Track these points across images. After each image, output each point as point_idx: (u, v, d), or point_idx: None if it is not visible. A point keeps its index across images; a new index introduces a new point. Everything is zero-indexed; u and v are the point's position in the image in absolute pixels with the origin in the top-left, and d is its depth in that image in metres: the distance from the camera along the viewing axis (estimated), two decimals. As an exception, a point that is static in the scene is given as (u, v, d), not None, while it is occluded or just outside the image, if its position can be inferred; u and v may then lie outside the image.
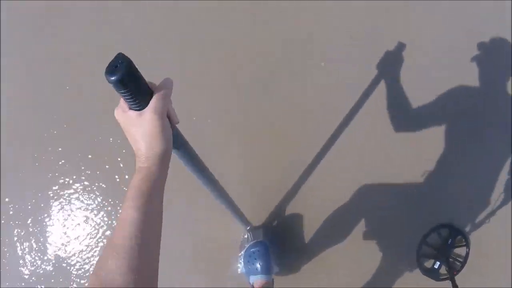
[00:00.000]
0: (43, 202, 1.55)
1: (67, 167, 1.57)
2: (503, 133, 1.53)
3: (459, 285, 1.32)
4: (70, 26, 1.73)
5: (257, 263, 1.26)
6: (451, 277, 1.36)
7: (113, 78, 0.42)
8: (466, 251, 1.43)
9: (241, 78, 1.59)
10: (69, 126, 1.61)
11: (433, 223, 1.45)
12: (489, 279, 1.44)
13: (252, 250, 1.29)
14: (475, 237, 1.45)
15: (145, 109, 0.48)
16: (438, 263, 1.41)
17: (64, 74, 1.67)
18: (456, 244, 1.43)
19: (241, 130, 1.55)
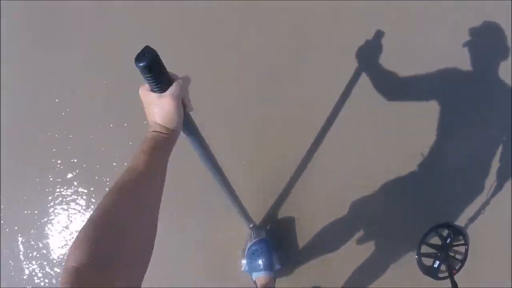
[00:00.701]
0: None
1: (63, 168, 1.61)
2: (502, 130, 1.57)
3: (458, 285, 1.33)
4: (70, 30, 1.77)
5: (259, 260, 1.28)
6: (451, 276, 1.37)
7: (141, 64, 0.51)
8: (465, 250, 1.45)
9: (242, 80, 1.63)
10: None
11: (432, 222, 1.48)
12: (489, 278, 1.46)
13: (254, 248, 1.31)
14: (474, 236, 1.47)
15: (165, 92, 0.57)
16: (437, 262, 1.43)
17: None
18: (455, 243, 1.46)
19: (244, 129, 1.59)
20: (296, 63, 1.63)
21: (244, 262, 1.36)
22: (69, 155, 1.62)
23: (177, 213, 1.47)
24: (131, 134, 1.56)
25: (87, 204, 1.57)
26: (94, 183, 1.56)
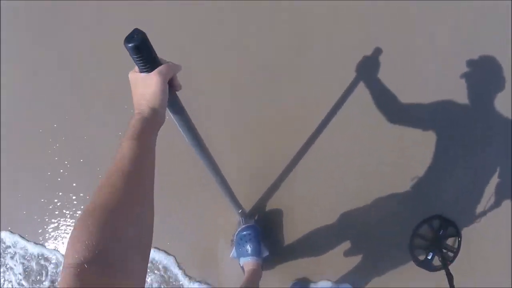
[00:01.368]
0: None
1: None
2: (493, 126, 1.57)
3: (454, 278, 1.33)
4: (70, 28, 1.85)
5: (247, 246, 1.30)
6: (445, 267, 1.36)
7: (130, 45, 0.53)
8: (458, 241, 1.45)
9: (240, 75, 1.69)
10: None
11: (424, 215, 1.48)
12: (485, 274, 1.45)
13: (243, 233, 1.32)
14: (468, 229, 1.47)
15: (152, 71, 0.58)
16: (431, 254, 1.42)
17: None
18: (448, 234, 1.46)
19: (238, 122, 1.63)
20: (294, 62, 1.67)
21: (233, 248, 1.38)
22: (71, 154, 1.67)
23: (165, 197, 1.52)
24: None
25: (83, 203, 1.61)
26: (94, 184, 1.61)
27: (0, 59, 1.85)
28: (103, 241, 0.36)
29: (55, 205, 1.63)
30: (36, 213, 1.64)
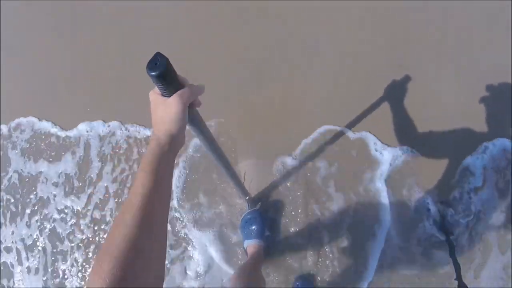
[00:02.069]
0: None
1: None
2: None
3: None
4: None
5: (252, 227, 1.42)
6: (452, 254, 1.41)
7: (154, 73, 0.52)
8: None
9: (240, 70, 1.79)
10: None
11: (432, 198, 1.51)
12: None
13: (248, 217, 1.45)
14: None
15: (174, 94, 0.57)
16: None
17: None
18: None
19: (243, 110, 1.74)
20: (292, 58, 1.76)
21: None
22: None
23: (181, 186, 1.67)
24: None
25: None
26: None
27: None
28: (114, 279, 0.41)
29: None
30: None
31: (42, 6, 2.36)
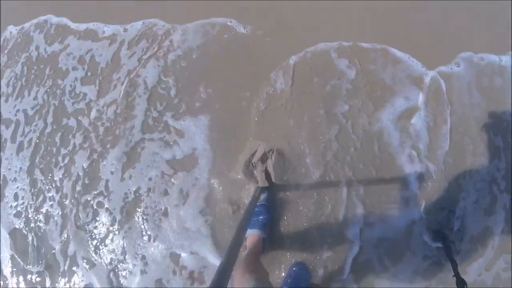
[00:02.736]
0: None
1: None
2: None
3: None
4: None
5: (259, 217, 1.45)
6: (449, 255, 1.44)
7: None
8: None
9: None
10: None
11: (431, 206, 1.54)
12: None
13: (257, 209, 1.48)
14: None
15: None
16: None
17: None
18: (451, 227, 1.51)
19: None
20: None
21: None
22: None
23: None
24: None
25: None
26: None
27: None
28: None
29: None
30: None
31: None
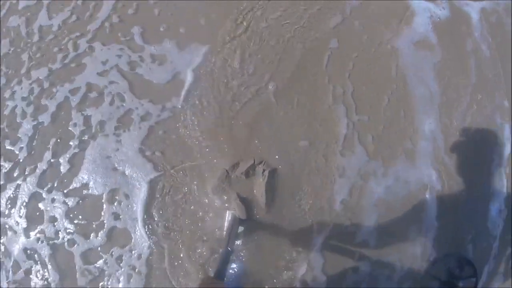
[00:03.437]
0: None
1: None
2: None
3: None
4: None
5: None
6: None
7: None
8: (475, 282, 1.31)
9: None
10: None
11: (439, 252, 1.32)
12: None
13: None
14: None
15: None
16: (445, 297, 1.29)
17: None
18: (465, 275, 1.31)
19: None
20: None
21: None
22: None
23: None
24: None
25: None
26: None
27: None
28: None
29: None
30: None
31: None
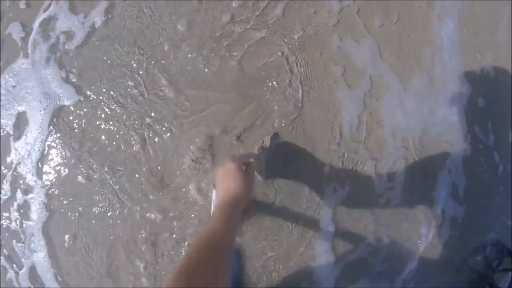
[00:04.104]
0: None
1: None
2: None
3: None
4: None
5: None
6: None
7: None
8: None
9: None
10: None
11: (475, 240, 1.16)
12: None
13: None
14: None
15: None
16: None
17: None
18: (502, 268, 1.16)
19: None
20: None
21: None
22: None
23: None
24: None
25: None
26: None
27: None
28: None
29: None
30: None
31: None
